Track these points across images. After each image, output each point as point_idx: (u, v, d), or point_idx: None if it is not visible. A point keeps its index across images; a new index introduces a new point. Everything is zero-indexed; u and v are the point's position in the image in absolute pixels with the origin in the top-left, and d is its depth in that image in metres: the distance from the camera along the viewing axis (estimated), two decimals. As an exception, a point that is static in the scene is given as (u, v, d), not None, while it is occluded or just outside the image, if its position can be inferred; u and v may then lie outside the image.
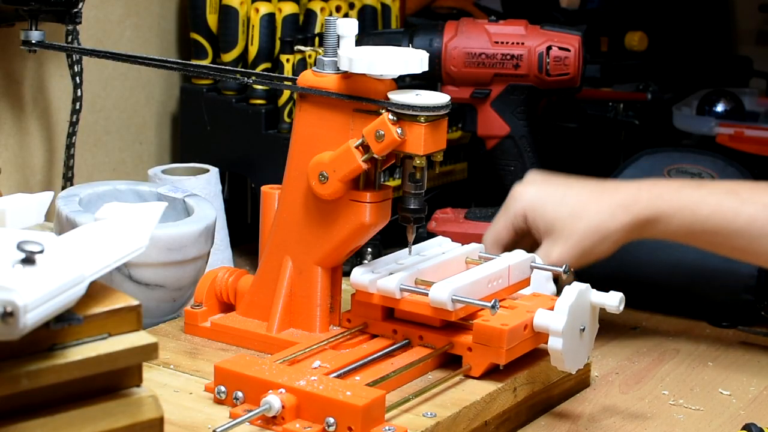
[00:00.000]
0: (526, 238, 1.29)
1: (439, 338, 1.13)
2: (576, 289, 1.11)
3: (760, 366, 1.28)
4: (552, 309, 1.11)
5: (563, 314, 1.09)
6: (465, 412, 1.05)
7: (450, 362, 1.13)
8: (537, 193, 1.28)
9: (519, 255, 1.20)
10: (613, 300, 1.13)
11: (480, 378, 1.10)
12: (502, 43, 1.39)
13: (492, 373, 1.11)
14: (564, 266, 1.20)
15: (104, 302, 0.86)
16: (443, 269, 1.17)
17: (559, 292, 1.14)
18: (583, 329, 1.12)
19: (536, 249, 1.26)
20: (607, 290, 1.14)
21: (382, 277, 1.13)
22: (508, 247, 1.28)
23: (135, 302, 0.87)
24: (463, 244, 1.24)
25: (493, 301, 1.08)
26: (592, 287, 1.14)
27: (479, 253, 1.22)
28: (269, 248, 1.19)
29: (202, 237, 1.25)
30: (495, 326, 1.09)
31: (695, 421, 1.14)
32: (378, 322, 1.16)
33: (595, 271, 1.29)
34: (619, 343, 1.33)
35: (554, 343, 1.09)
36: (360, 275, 1.14)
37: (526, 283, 1.20)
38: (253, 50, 1.57)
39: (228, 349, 1.18)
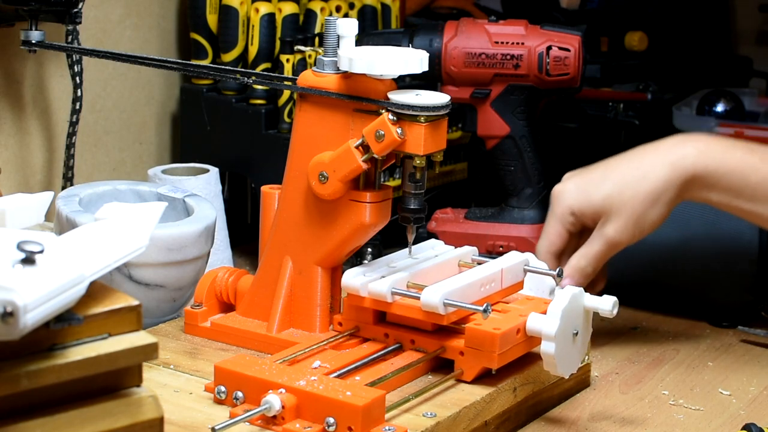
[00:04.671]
0: (581, 237, 1.25)
1: (431, 342, 1.12)
2: (569, 292, 1.10)
3: (760, 366, 1.28)
4: (545, 313, 1.10)
5: (556, 318, 1.08)
6: (465, 412, 1.05)
7: (442, 366, 1.12)
8: (577, 185, 1.24)
9: (512, 258, 1.20)
10: (607, 304, 1.12)
11: (475, 381, 1.10)
12: (502, 43, 1.39)
13: (484, 377, 1.10)
14: (558, 269, 1.19)
15: (104, 302, 0.87)
16: (436, 272, 1.16)
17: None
18: (576, 333, 1.11)
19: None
20: (608, 290, 1.14)
21: (373, 281, 1.12)
22: (566, 254, 1.25)
23: (135, 302, 0.87)
24: (462, 245, 1.24)
25: (485, 304, 1.07)
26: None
27: (472, 257, 1.21)
28: (269, 248, 1.19)
29: (202, 237, 1.25)
30: (487, 330, 1.08)
31: (695, 421, 1.14)
32: (369, 325, 1.15)
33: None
34: (619, 343, 1.33)
35: (547, 348, 1.08)
36: (352, 278, 1.13)
37: (519, 286, 1.19)
38: (253, 50, 1.57)
39: (228, 349, 1.18)
